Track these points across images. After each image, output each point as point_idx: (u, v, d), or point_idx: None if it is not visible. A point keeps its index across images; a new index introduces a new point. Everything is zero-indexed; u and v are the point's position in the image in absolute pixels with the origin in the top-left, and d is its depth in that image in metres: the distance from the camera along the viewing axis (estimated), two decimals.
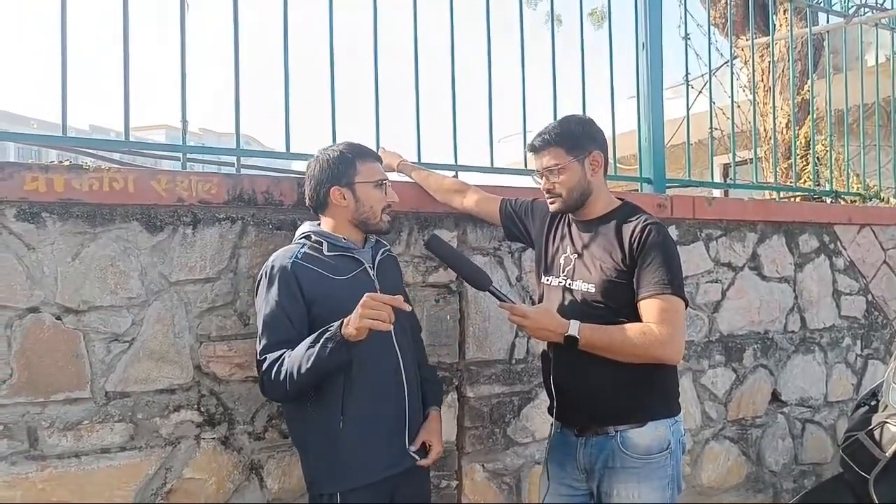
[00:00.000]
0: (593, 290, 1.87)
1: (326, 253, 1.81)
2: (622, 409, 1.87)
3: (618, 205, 1.97)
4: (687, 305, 1.85)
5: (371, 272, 1.86)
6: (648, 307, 1.78)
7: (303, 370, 1.62)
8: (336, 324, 1.62)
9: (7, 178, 1.79)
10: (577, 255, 1.95)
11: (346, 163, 1.86)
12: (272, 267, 1.76)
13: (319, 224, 1.92)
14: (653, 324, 1.76)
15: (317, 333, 1.64)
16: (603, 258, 1.87)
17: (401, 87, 2.53)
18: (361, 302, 1.58)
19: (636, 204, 1.99)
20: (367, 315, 1.56)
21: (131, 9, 2.09)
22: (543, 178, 1.95)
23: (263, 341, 1.73)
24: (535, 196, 2.17)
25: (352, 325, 1.58)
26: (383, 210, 1.89)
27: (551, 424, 2.06)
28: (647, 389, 1.87)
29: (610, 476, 1.86)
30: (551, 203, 1.97)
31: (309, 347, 1.63)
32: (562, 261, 1.98)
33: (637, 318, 1.81)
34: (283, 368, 1.66)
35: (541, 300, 2.06)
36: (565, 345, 1.79)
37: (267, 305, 1.73)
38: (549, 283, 2.02)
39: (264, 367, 1.71)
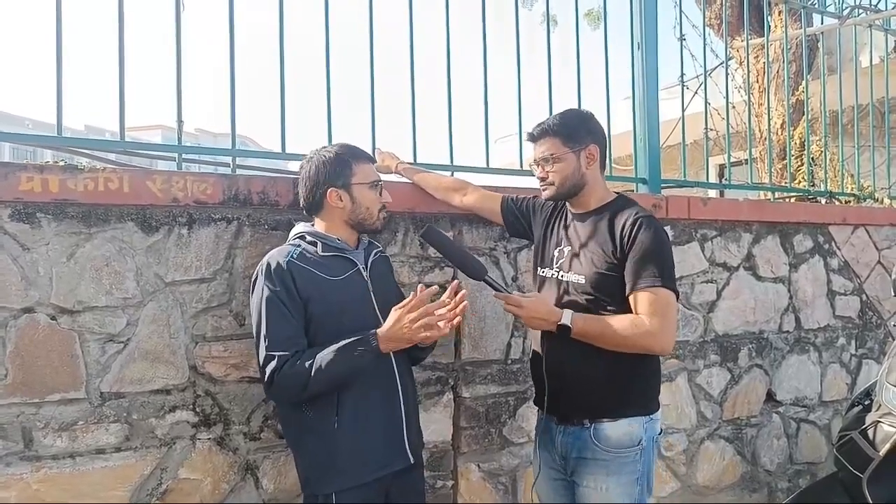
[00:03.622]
0: (583, 281, 1.90)
1: (321, 253, 1.81)
2: (599, 403, 1.90)
3: (613, 198, 2.00)
4: (678, 297, 1.87)
5: (364, 273, 1.87)
6: (639, 300, 1.81)
7: (331, 374, 1.67)
8: (367, 335, 1.70)
9: (2, 178, 1.79)
10: (570, 248, 1.98)
11: (342, 164, 1.86)
12: (268, 265, 1.76)
13: (313, 225, 1.92)
14: (644, 315, 1.79)
15: (347, 344, 1.68)
16: (595, 250, 1.90)
17: (397, 88, 2.53)
18: (414, 321, 1.68)
19: (630, 198, 2.01)
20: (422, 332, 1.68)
21: (127, 8, 2.09)
22: (538, 166, 1.99)
23: (268, 339, 1.71)
24: (535, 194, 2.21)
25: (404, 340, 1.70)
26: (379, 210, 1.90)
27: (538, 410, 2.09)
28: (626, 386, 1.90)
29: (582, 466, 1.91)
30: (544, 190, 2.01)
31: (336, 354, 1.67)
32: (556, 253, 2.02)
33: (627, 308, 1.84)
34: (305, 367, 1.66)
35: (540, 291, 2.08)
36: (558, 334, 1.83)
37: (266, 304, 1.73)
38: (543, 274, 2.06)
39: (273, 365, 1.69)
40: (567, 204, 2.05)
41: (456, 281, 1.80)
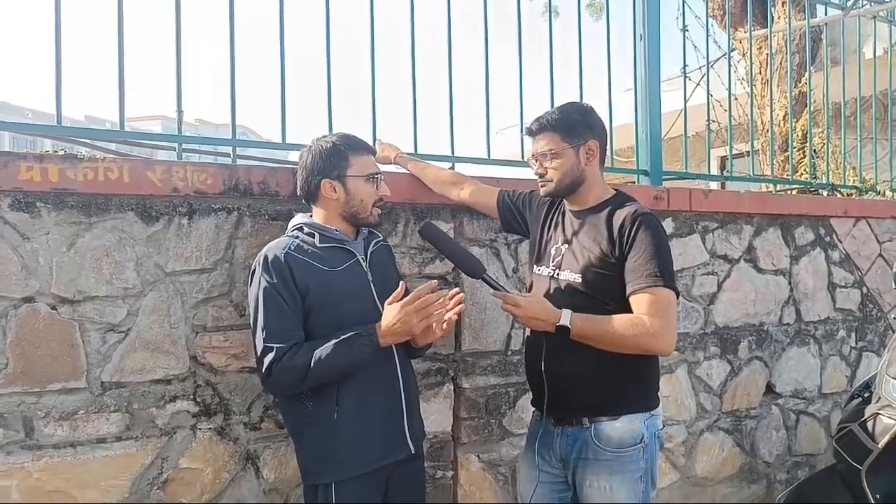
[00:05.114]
0: (579, 279, 1.87)
1: (318, 245, 1.81)
2: (597, 401, 1.87)
3: (611, 195, 1.96)
4: (678, 296, 1.84)
5: (364, 263, 1.86)
6: (640, 300, 1.77)
7: (330, 368, 1.67)
8: (366, 329, 1.70)
9: (2, 167, 1.78)
10: (567, 245, 1.95)
11: (338, 155, 1.84)
12: (265, 258, 1.76)
13: (311, 215, 1.92)
14: (644, 315, 1.75)
15: (347, 337, 1.69)
16: (591, 248, 1.87)
17: (398, 78, 2.53)
18: (410, 313, 1.68)
19: (629, 194, 1.98)
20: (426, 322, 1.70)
21: None
22: (537, 161, 1.95)
23: (265, 331, 1.71)
24: (533, 188, 2.18)
25: (402, 333, 1.70)
26: (374, 204, 1.88)
27: (533, 412, 2.08)
28: (625, 383, 1.87)
29: (583, 467, 1.88)
30: (542, 186, 1.97)
31: (336, 348, 1.67)
32: (552, 251, 1.99)
33: (623, 307, 1.80)
34: (303, 360, 1.67)
35: (530, 290, 2.06)
36: (555, 334, 1.80)
37: (264, 296, 1.73)
38: (538, 272, 2.02)
39: (270, 358, 1.68)
40: (564, 200, 2.01)
41: (457, 289, 1.79)
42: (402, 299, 1.72)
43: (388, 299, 1.74)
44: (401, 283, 1.76)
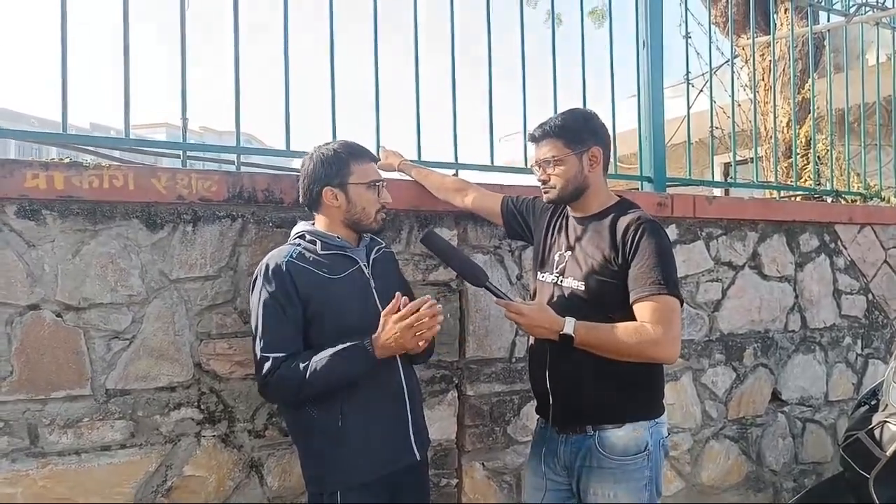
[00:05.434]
0: (582, 287, 1.87)
1: (320, 252, 1.81)
2: (601, 409, 1.86)
3: (615, 202, 1.96)
4: (682, 303, 1.83)
5: (366, 270, 1.86)
6: (644, 308, 1.76)
7: (326, 378, 1.67)
8: (363, 341, 1.69)
9: (7, 175, 1.79)
10: (570, 252, 1.94)
11: (339, 163, 1.84)
12: (267, 266, 1.76)
13: (314, 222, 1.92)
14: (648, 323, 1.75)
15: (343, 348, 1.68)
16: (594, 255, 1.86)
17: (402, 86, 2.53)
18: (403, 329, 1.67)
19: (633, 201, 1.98)
20: (419, 338, 1.69)
21: (132, 6, 2.09)
22: (540, 168, 1.95)
23: (263, 340, 1.72)
24: (536, 194, 2.18)
25: (395, 348, 1.69)
26: (377, 211, 1.88)
27: (537, 419, 2.07)
28: (629, 390, 1.86)
29: (587, 475, 1.86)
30: (545, 193, 1.97)
31: (332, 358, 1.67)
32: (556, 257, 1.98)
33: (627, 315, 1.79)
34: (300, 370, 1.66)
35: (534, 296, 2.06)
36: (559, 342, 1.79)
37: (263, 305, 1.73)
38: (542, 279, 2.02)
39: (267, 367, 1.69)
40: (568, 207, 2.01)
41: (427, 296, 1.75)
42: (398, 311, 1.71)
43: (384, 310, 1.73)
44: (397, 293, 1.74)
